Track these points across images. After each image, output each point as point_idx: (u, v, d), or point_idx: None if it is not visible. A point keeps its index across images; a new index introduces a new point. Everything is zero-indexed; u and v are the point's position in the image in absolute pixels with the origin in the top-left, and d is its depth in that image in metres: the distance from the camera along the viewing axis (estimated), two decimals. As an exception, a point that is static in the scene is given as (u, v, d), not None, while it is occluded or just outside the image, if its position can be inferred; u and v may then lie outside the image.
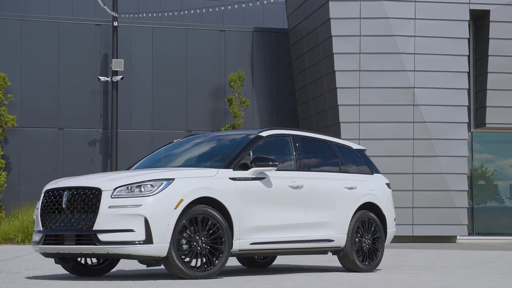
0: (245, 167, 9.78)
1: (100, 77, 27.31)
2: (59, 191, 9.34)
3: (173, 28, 29.08)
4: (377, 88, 25.17)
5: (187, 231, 9.07)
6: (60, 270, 10.96)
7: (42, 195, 9.57)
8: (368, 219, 11.05)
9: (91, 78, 28.04)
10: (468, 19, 25.53)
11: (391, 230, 11.46)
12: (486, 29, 25.90)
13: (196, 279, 8.97)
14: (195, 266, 9.12)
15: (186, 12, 29.96)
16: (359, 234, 10.91)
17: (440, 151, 24.88)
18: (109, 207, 8.87)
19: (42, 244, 9.40)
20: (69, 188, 9.24)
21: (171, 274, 9.04)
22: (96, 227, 8.88)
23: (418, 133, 25.00)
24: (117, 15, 26.79)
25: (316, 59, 26.95)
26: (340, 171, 11.08)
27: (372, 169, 11.67)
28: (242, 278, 9.49)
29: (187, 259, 9.11)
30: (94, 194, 9.00)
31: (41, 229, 9.41)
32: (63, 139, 27.82)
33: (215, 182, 9.39)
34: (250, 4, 28.97)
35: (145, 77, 28.59)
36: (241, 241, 9.49)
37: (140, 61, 28.55)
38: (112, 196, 8.91)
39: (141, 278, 9.53)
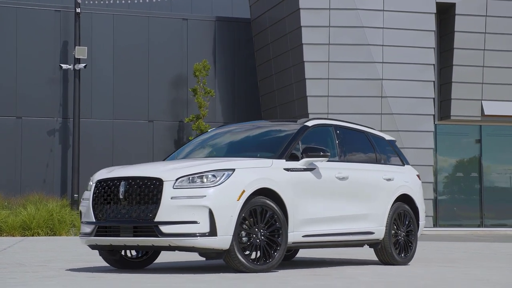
0: (294, 157, 9.54)
1: (62, 65, 26.56)
2: (114, 181, 8.91)
3: (134, 16, 28.51)
4: (346, 79, 25.17)
5: (247, 223, 8.79)
6: (97, 263, 10.56)
7: (93, 185, 9.12)
8: (404, 211, 10.93)
9: (50, 66, 27.28)
10: (435, 11, 25.73)
11: (422, 222, 11.37)
12: (452, 22, 26.16)
13: (256, 272, 8.70)
14: (254, 259, 8.84)
15: (148, 0, 29.42)
16: (395, 227, 10.77)
17: (407, 143, 25.02)
18: (172, 198, 8.49)
19: (94, 236, 8.97)
20: (126, 178, 8.83)
21: (231, 267, 8.73)
22: (158, 218, 8.48)
23: (386, 124, 25.09)
24: (80, 1, 26.05)
25: (282, 50, 26.77)
26: (377, 162, 10.94)
27: (403, 161, 11.56)
28: (298, 272, 9.24)
29: (247, 252, 8.82)
30: (155, 185, 8.59)
31: (94, 220, 8.98)
32: (21, 128, 26.98)
33: (271, 173, 9.11)
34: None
35: (106, 66, 27.95)
36: (295, 234, 9.25)
37: (101, 49, 27.89)
38: (174, 187, 8.53)
39: (192, 271, 9.21)
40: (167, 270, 9.45)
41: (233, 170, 8.74)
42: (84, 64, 26.01)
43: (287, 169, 9.31)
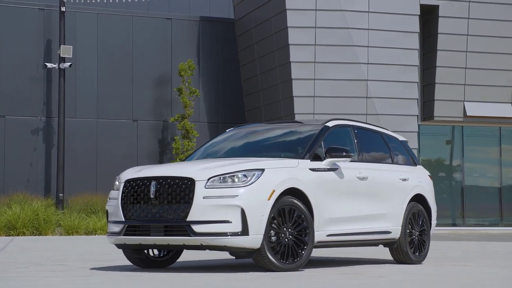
0: (317, 157, 9.66)
1: (47, 64, 26.42)
2: (144, 180, 8.95)
3: (118, 15, 28.45)
4: (331, 80, 25.37)
5: (275, 222, 8.90)
6: (111, 262, 10.60)
7: (122, 184, 9.16)
8: (418, 211, 11.11)
9: (33, 65, 27.13)
10: (419, 13, 26.03)
11: (434, 222, 11.56)
12: (435, 24, 26.48)
13: (285, 271, 8.80)
14: (283, 258, 8.95)
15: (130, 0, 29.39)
16: (410, 226, 10.94)
17: (392, 143, 25.21)
18: (204, 197, 8.57)
19: (123, 235, 9.01)
20: (157, 178, 8.88)
21: (260, 266, 8.84)
22: (191, 218, 8.55)
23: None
24: (65, 0, 25.93)
25: (268, 50, 26.90)
26: (392, 163, 11.11)
27: (415, 161, 11.75)
28: (324, 271, 9.36)
29: (276, 252, 8.92)
30: (186, 184, 8.66)
31: (123, 219, 9.02)
32: (4, 127, 26.79)
33: (298, 173, 9.23)
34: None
35: (90, 65, 27.86)
36: (319, 233, 9.38)
37: (85, 48, 27.79)
38: (206, 187, 8.61)
39: (220, 270, 9.31)
40: (194, 269, 9.53)
41: (263, 170, 8.84)
42: (69, 63, 25.88)
43: (312, 169, 9.44)
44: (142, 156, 28.09)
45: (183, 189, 8.68)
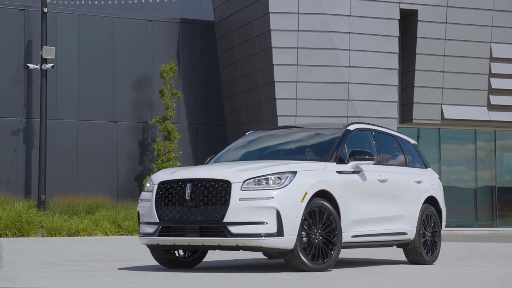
0: (341, 160, 9.90)
1: (29, 65, 26.31)
2: (178, 182, 9.10)
3: (99, 17, 28.44)
4: (313, 82, 25.67)
5: (306, 223, 9.11)
6: (135, 262, 10.73)
7: (156, 186, 9.29)
8: (430, 212, 11.39)
9: (13, 66, 27.02)
10: (399, 18, 26.46)
11: (444, 223, 11.87)
12: (414, 28, 26.94)
13: (315, 271, 9.02)
14: (314, 259, 9.16)
15: (116, 2, 29.38)
16: (423, 227, 11.23)
17: (372, 145, 25.59)
18: (240, 199, 8.75)
19: (157, 236, 9.16)
20: (192, 180, 9.04)
21: (292, 266, 9.05)
22: (227, 219, 8.73)
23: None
24: (48, 0, 25.83)
25: (249, 53, 27.11)
26: (407, 165, 11.39)
27: (426, 164, 12.05)
28: (354, 271, 9.60)
29: (308, 252, 9.14)
30: (222, 187, 8.84)
31: (157, 221, 9.17)
32: (-16, 128, 26.69)
33: (326, 175, 9.45)
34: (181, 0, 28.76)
35: (71, 66, 27.83)
36: (345, 234, 9.60)
37: (65, 49, 27.73)
38: (242, 189, 8.79)
39: (251, 269, 9.50)
40: (225, 269, 9.70)
41: (295, 172, 9.05)
42: (51, 64, 25.80)
43: (339, 172, 9.68)
44: (122, 157, 28.12)
45: (219, 191, 8.85)
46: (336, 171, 9.66)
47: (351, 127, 10.51)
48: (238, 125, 28.30)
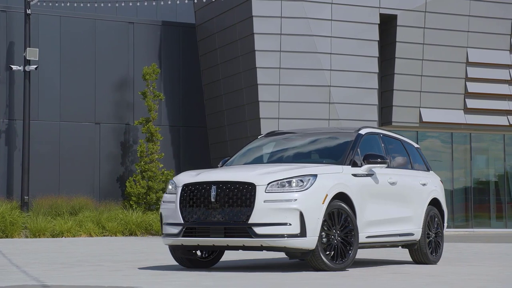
0: (355, 163, 10.25)
1: (12, 66, 26.32)
2: (203, 185, 9.40)
3: (81, 19, 28.53)
4: (296, 85, 26.05)
5: (326, 224, 9.45)
6: (156, 262, 10.96)
7: (180, 188, 9.56)
8: (434, 214, 11.82)
9: (-5, 67, 27.01)
10: (379, 22, 26.94)
11: (445, 224, 12.30)
12: (393, 32, 27.43)
13: (334, 271, 9.36)
14: (332, 259, 9.50)
15: (96, 5, 29.47)
16: (428, 228, 11.64)
17: (353, 148, 26.00)
18: (264, 201, 9.08)
19: (182, 237, 9.44)
20: (217, 183, 9.34)
21: (312, 266, 9.38)
22: (252, 220, 9.05)
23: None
24: (31, 1, 25.86)
25: (232, 55, 27.39)
26: (412, 168, 11.79)
27: (428, 167, 12.46)
28: (371, 270, 9.94)
29: (327, 252, 9.48)
30: (247, 189, 9.15)
31: (182, 222, 9.45)
32: (-34, 129, 26.64)
33: (343, 178, 9.81)
34: (162, 3, 28.90)
35: (53, 67, 27.87)
36: (361, 235, 9.97)
37: (47, 50, 27.78)
38: (266, 191, 9.13)
39: (273, 269, 9.80)
40: (244, 268, 10.00)
41: (316, 175, 9.39)
42: (35, 66, 25.85)
43: (354, 175, 10.04)
44: (104, 158, 28.24)
45: (244, 193, 9.16)
46: (352, 174, 10.02)
47: (363, 131, 10.88)
48: (220, 127, 28.59)
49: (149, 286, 7.44)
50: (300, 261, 11.49)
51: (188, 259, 10.12)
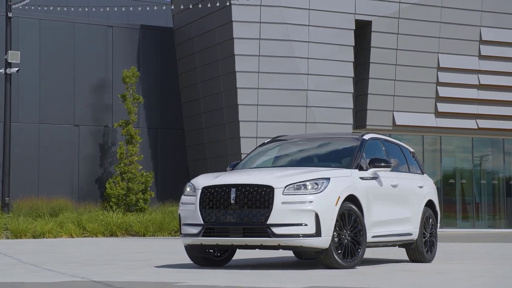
0: (361, 167, 10.87)
1: (-7, 68, 26.50)
2: (223, 187, 9.94)
3: (61, 22, 28.82)
4: (274, 89, 26.65)
5: (337, 225, 10.05)
6: (164, 261, 11.45)
7: (200, 191, 10.08)
8: (429, 215, 12.49)
9: (-25, 69, 27.11)
10: (354, 28, 27.66)
11: (438, 225, 12.98)
12: (368, 38, 28.18)
13: (345, 269, 9.96)
14: (343, 257, 10.09)
15: (72, 9, 29.76)
16: (424, 228, 12.30)
17: (329, 150, 26.67)
18: (282, 203, 9.66)
19: (201, 236, 9.97)
20: (236, 185, 9.89)
21: (324, 264, 9.97)
22: (271, 221, 9.62)
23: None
24: (13, 4, 26.08)
25: (210, 59, 27.90)
26: (409, 172, 12.44)
27: (422, 170, 13.12)
28: (378, 268, 10.55)
29: (339, 251, 10.07)
30: (266, 191, 9.72)
31: (202, 222, 9.98)
32: None
33: (353, 181, 10.42)
34: (139, 8, 29.29)
35: (32, 70, 28.13)
36: (367, 235, 10.58)
37: (27, 53, 27.98)
38: (283, 193, 9.71)
39: (285, 267, 10.37)
40: (258, 266, 10.55)
41: (329, 179, 10.00)
42: (16, 69, 26.04)
43: (361, 178, 10.66)
44: (83, 160, 28.56)
45: (262, 195, 9.73)
46: (359, 177, 10.63)
47: (366, 137, 11.50)
48: (197, 130, 29.09)
49: (194, 281, 7.94)
50: (303, 260, 12.02)
51: (203, 258, 10.64)
